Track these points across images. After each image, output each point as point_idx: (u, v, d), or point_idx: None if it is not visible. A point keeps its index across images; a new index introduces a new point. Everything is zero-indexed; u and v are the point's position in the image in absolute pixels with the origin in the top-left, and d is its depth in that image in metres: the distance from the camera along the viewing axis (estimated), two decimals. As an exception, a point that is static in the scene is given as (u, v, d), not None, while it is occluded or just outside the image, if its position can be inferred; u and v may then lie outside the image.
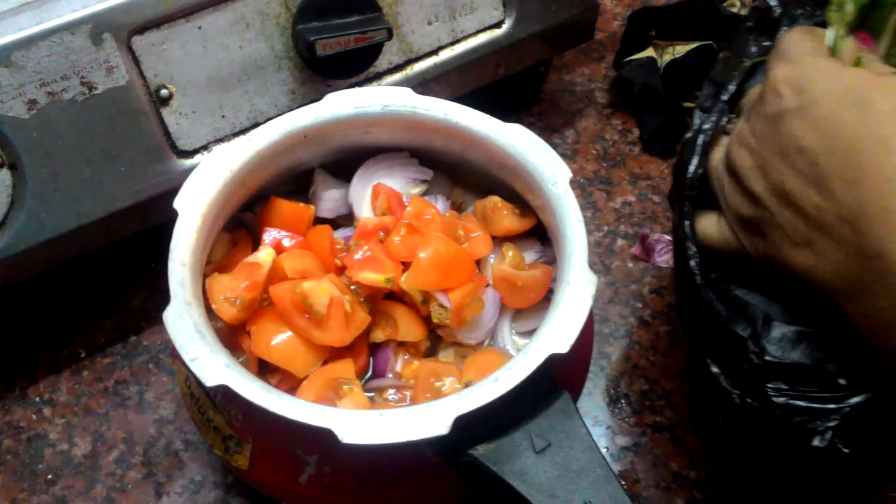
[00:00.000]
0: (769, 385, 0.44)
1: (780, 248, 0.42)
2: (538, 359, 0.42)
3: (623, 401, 0.58)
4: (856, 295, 0.39)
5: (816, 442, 0.43)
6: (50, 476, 0.55)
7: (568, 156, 0.71)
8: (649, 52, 0.72)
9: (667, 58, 0.71)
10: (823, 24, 0.46)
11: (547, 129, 0.72)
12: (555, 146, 0.71)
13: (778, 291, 0.46)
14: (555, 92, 0.75)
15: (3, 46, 0.48)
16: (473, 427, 0.42)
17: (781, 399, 0.44)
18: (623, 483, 0.53)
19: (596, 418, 0.57)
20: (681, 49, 0.71)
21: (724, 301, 0.46)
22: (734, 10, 0.72)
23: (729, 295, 0.47)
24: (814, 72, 0.41)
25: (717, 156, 0.48)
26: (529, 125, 0.72)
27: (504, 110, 0.70)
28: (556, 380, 0.44)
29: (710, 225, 0.48)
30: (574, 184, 0.68)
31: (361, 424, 0.40)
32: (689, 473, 0.54)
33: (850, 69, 0.41)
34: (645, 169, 0.70)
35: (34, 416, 0.57)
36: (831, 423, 0.43)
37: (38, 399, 0.58)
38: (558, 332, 0.43)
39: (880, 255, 0.37)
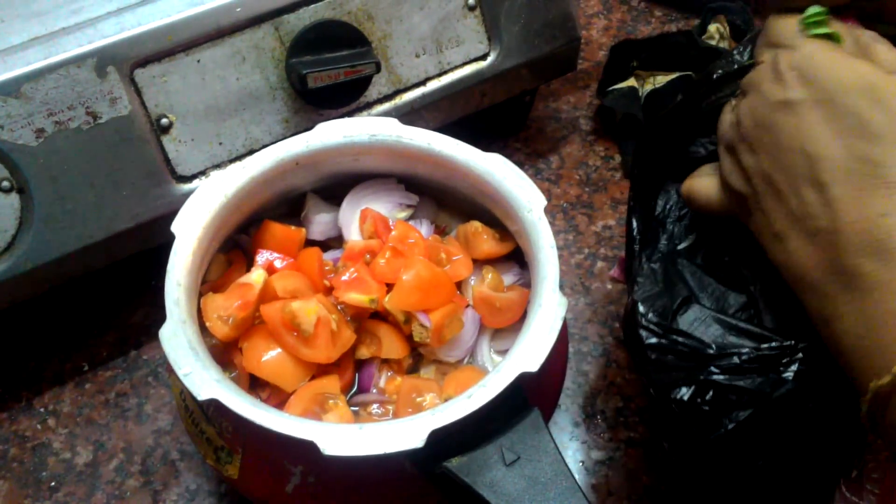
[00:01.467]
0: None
1: (761, 233, 0.43)
2: (509, 377, 0.45)
3: (599, 417, 0.60)
4: (821, 303, 0.39)
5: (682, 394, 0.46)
6: (53, 483, 0.57)
7: (552, 180, 0.74)
8: (631, 82, 0.75)
9: (648, 87, 0.74)
10: None
11: (532, 155, 0.75)
12: (540, 171, 0.74)
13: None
14: (541, 119, 0.78)
15: (13, 79, 0.51)
16: (447, 440, 0.44)
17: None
18: (593, 495, 0.56)
19: (572, 433, 0.59)
20: (661, 79, 0.74)
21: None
22: (713, 42, 0.75)
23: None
24: (820, 60, 0.40)
25: (728, 119, 0.46)
26: (516, 150, 0.75)
27: (491, 137, 0.73)
28: (528, 397, 0.47)
29: (711, 186, 0.47)
30: (557, 207, 0.71)
31: (342, 437, 0.43)
32: (660, 487, 0.57)
33: (859, 61, 0.39)
34: (625, 194, 0.72)
35: (39, 426, 0.60)
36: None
37: (42, 410, 0.61)
38: (529, 352, 0.46)
39: (854, 273, 0.37)
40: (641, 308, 0.49)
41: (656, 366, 0.48)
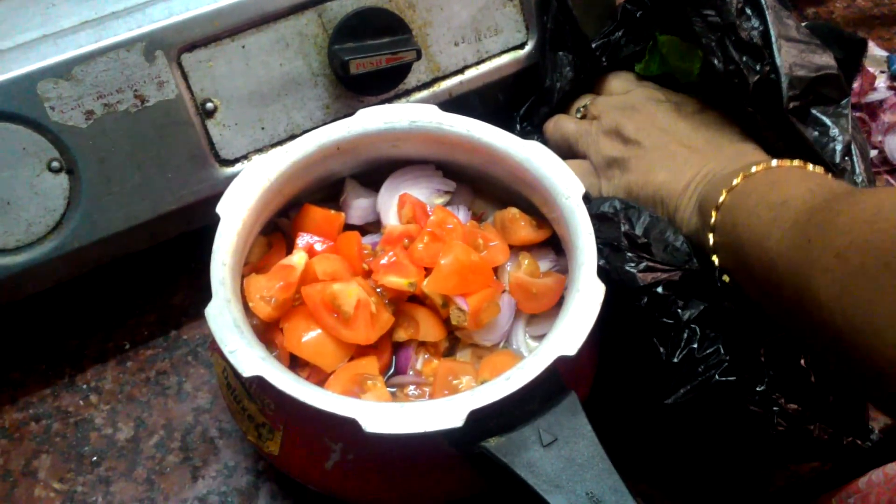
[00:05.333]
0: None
1: (648, 172, 0.58)
2: (547, 360, 0.46)
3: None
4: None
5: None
6: (95, 458, 0.59)
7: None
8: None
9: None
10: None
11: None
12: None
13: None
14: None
15: (64, 61, 0.53)
16: (486, 421, 0.45)
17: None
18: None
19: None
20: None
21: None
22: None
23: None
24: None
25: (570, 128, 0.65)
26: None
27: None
28: (565, 380, 0.48)
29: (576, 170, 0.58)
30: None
31: (383, 415, 0.44)
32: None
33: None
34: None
35: (81, 402, 0.61)
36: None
37: (85, 386, 0.62)
38: (567, 336, 0.47)
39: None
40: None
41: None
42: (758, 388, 0.50)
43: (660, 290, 0.51)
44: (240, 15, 0.56)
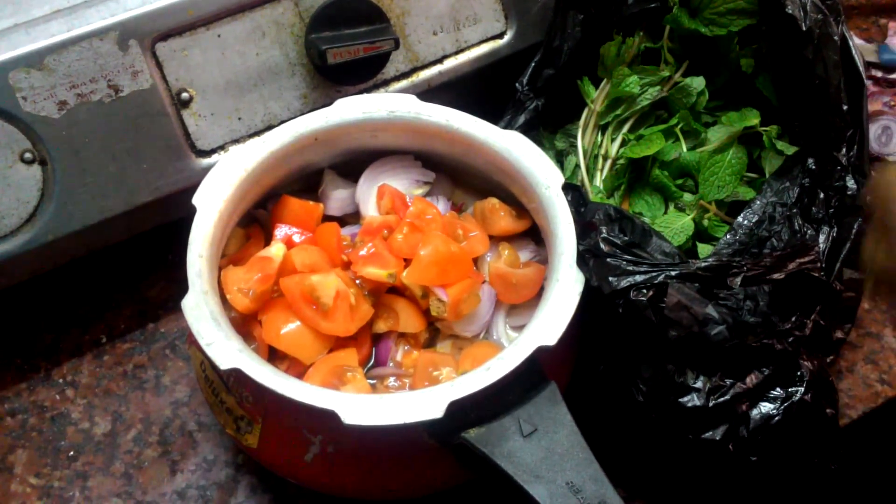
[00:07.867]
0: None
1: None
2: (527, 350, 0.46)
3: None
4: None
5: None
6: (72, 452, 0.58)
7: (566, 160, 0.74)
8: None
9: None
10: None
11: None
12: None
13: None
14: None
15: (36, 51, 0.52)
16: (466, 412, 0.45)
17: None
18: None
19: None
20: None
21: None
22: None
23: None
24: None
25: None
26: (530, 130, 0.76)
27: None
28: (545, 370, 0.48)
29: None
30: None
31: (363, 407, 0.44)
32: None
33: None
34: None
35: (57, 397, 0.61)
36: None
37: (61, 380, 0.61)
38: (547, 326, 0.47)
39: None
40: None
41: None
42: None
43: (633, 294, 0.50)
44: (215, 3, 0.55)
